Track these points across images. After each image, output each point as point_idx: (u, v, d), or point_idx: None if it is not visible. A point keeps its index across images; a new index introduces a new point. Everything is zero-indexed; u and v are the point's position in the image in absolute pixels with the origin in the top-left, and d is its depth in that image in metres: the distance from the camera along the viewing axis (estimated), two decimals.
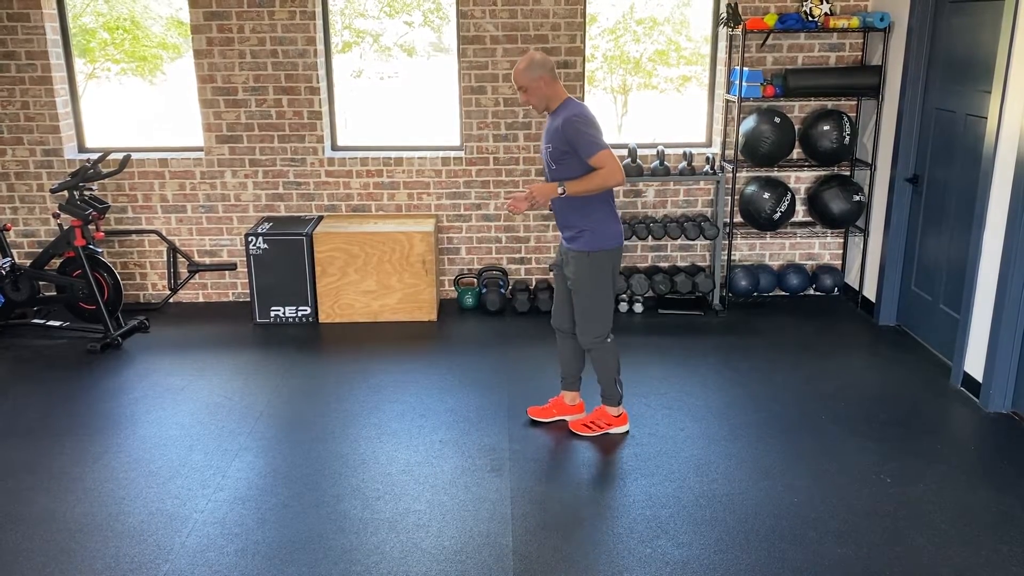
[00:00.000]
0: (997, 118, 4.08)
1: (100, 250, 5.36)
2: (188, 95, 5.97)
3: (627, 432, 4.01)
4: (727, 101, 5.66)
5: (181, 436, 4.01)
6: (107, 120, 11.56)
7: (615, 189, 3.64)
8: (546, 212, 5.84)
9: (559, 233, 3.87)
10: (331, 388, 4.53)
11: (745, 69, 5.35)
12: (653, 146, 5.82)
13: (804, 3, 5.23)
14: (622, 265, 5.94)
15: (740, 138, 5.49)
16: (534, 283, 5.99)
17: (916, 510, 3.35)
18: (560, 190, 3.60)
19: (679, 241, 5.92)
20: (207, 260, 5.93)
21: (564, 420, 4.11)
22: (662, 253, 5.96)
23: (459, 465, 3.73)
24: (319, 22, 5.52)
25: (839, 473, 3.62)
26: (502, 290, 5.73)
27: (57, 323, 5.40)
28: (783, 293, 5.96)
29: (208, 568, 3.03)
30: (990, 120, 4.13)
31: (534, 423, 4.11)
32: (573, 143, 3.55)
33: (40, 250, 5.69)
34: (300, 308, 5.53)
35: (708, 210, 5.88)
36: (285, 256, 5.41)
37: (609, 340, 3.84)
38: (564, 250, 3.83)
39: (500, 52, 5.52)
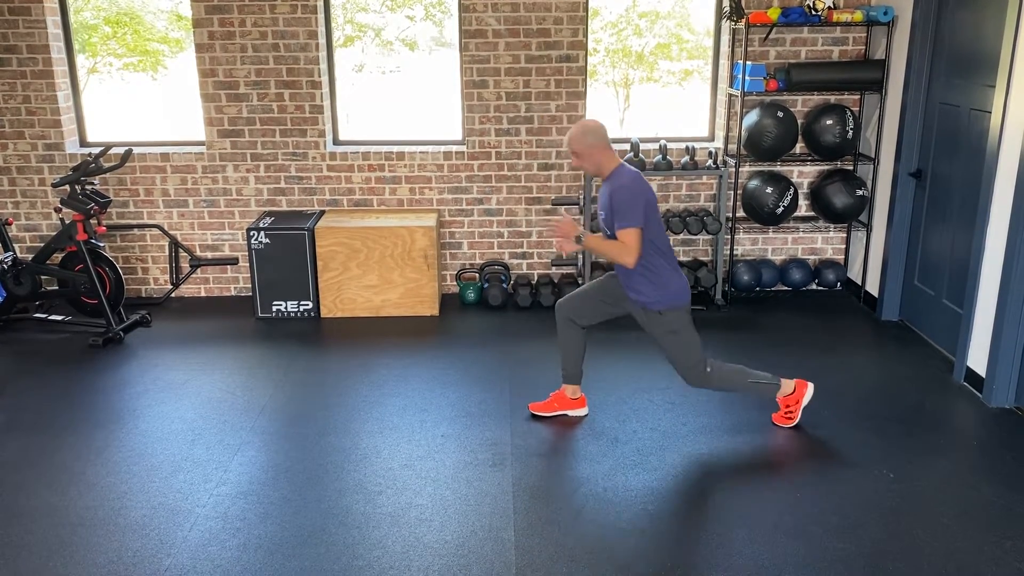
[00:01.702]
0: (1001, 113, 4.06)
1: (102, 244, 5.35)
2: (189, 89, 5.96)
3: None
4: (730, 95, 5.64)
5: (183, 430, 4.01)
6: (109, 114, 11.56)
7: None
8: (547, 207, 5.82)
9: None
10: (333, 383, 4.53)
11: (748, 63, 5.33)
12: (655, 140, 5.81)
13: None
14: None
15: (743, 132, 5.47)
16: (536, 278, 5.98)
17: (919, 505, 3.34)
18: (580, 236, 3.69)
19: (681, 236, 5.91)
20: (209, 255, 5.92)
21: (566, 414, 4.11)
22: None
23: (461, 459, 3.73)
24: (321, 16, 5.51)
25: (841, 468, 3.62)
26: (504, 285, 5.72)
27: (59, 317, 5.40)
28: (785, 288, 5.95)
29: (210, 562, 3.03)
30: (994, 115, 4.12)
31: (535, 417, 4.10)
32: (616, 209, 3.58)
33: (42, 244, 5.69)
34: (302, 303, 5.53)
35: (710, 205, 5.87)
36: (287, 251, 5.41)
37: (709, 370, 3.82)
38: (633, 304, 3.83)
39: (502, 46, 5.51)
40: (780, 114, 5.35)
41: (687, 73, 11.61)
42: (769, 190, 5.50)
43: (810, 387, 4.00)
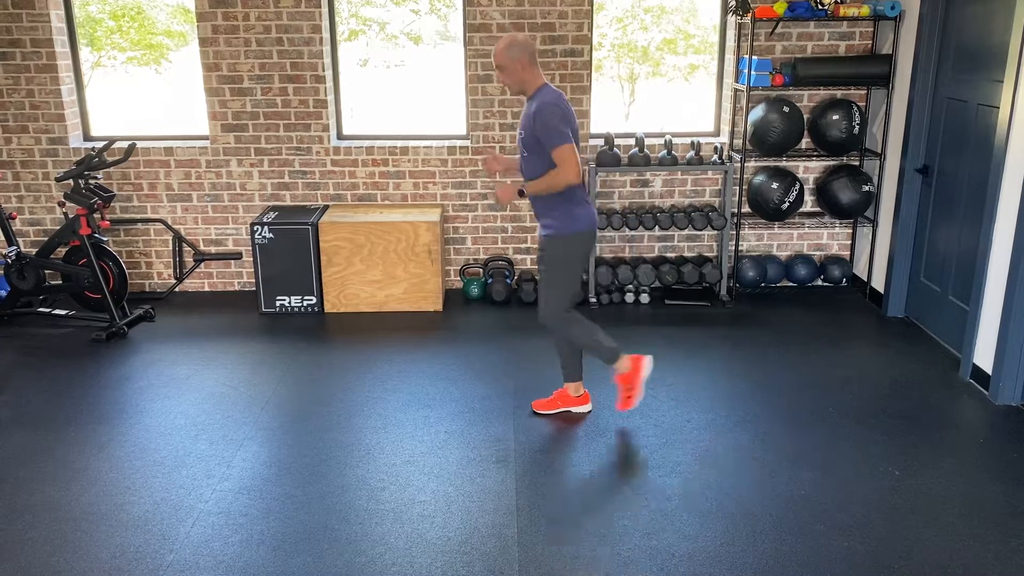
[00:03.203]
0: (1009, 108, 4.03)
1: (105, 239, 5.35)
2: (193, 83, 5.95)
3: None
4: (735, 90, 5.61)
5: (186, 425, 4.01)
6: (112, 109, 11.56)
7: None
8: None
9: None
10: (336, 378, 4.52)
11: (754, 58, 5.30)
12: (661, 135, 5.78)
13: None
14: (630, 256, 5.92)
15: (748, 127, 5.44)
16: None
17: (924, 503, 3.33)
18: (520, 190, 3.69)
19: (686, 231, 5.89)
20: (212, 249, 5.92)
21: (569, 411, 4.10)
22: (669, 243, 5.93)
23: (464, 456, 3.72)
24: (325, 10, 5.49)
25: (847, 466, 3.60)
26: (508, 280, 5.70)
27: (62, 312, 5.40)
28: (791, 284, 5.92)
29: (213, 558, 3.02)
30: (1002, 110, 4.08)
31: (539, 415, 4.09)
32: (539, 132, 3.55)
33: (46, 239, 5.68)
34: (305, 298, 5.52)
35: (716, 200, 5.84)
36: (291, 245, 5.40)
37: (568, 315, 3.83)
38: (542, 239, 3.83)
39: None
40: (786, 109, 5.32)
41: (693, 68, 11.57)
42: (775, 185, 5.47)
43: (647, 360, 3.96)
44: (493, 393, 4.32)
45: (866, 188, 5.45)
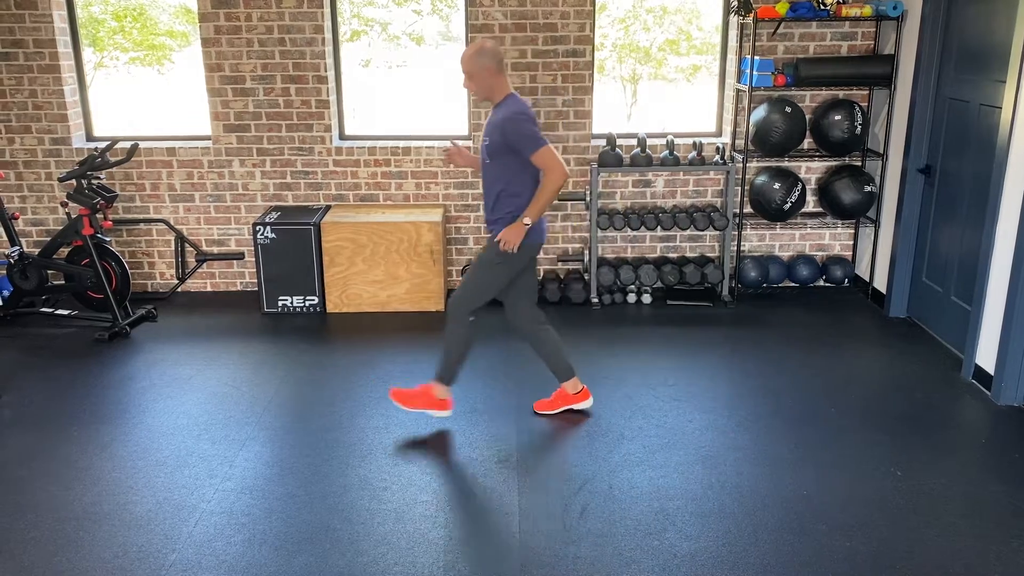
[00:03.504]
0: (1012, 108, 4.03)
1: (108, 239, 5.36)
2: (196, 84, 5.95)
3: (447, 415, 4.02)
4: (737, 90, 5.61)
5: (189, 425, 4.01)
6: (115, 109, 11.57)
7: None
8: (554, 202, 5.80)
9: (545, 224, 3.85)
10: (338, 378, 4.53)
11: (756, 58, 5.31)
12: (663, 136, 5.78)
13: None
14: (632, 256, 5.92)
15: (750, 128, 5.44)
16: (542, 274, 5.97)
17: (926, 503, 3.33)
18: (527, 222, 3.63)
19: (688, 232, 5.89)
20: (215, 249, 5.92)
21: (571, 409, 4.10)
22: (671, 244, 5.93)
23: (466, 456, 3.72)
24: (327, 10, 5.50)
25: (849, 466, 3.60)
26: None
27: (65, 312, 5.41)
28: (793, 284, 5.92)
29: (215, 558, 3.03)
30: (1004, 110, 4.08)
31: (537, 413, 4.10)
32: (514, 141, 3.55)
33: (48, 239, 5.70)
34: (308, 298, 5.52)
35: (718, 200, 5.84)
36: (293, 246, 5.40)
37: (471, 319, 3.82)
38: (489, 237, 3.81)
39: (509, 41, 5.49)
40: (788, 109, 5.32)
41: (695, 68, 11.57)
42: (777, 186, 5.47)
43: (448, 412, 4.00)
44: (495, 393, 4.33)
45: (868, 188, 5.45)
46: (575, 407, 4.10)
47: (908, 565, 2.96)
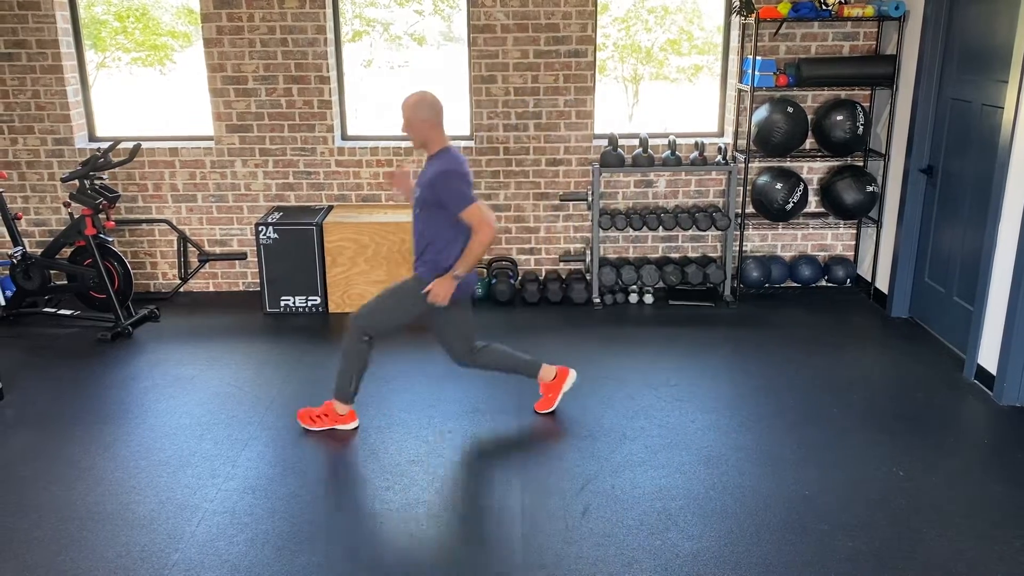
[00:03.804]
0: (1014, 108, 4.03)
1: (111, 239, 5.37)
2: (198, 84, 5.96)
3: (355, 428, 3.98)
4: (739, 91, 5.61)
5: (191, 425, 4.02)
6: (117, 109, 11.57)
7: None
8: (556, 203, 5.81)
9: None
10: None
11: (758, 58, 5.30)
12: (665, 136, 5.78)
13: None
14: (633, 257, 5.92)
15: (752, 128, 5.44)
16: (544, 274, 5.97)
17: (928, 504, 3.33)
18: (456, 276, 3.65)
19: (690, 232, 5.89)
20: (217, 250, 5.93)
21: (563, 390, 4.12)
22: (673, 244, 5.93)
23: (468, 455, 3.73)
24: (329, 11, 5.50)
25: (851, 466, 3.60)
26: (512, 281, 5.71)
27: (68, 312, 5.42)
28: (795, 284, 5.92)
29: (218, 558, 3.03)
30: (1006, 110, 4.08)
31: (544, 414, 4.10)
32: (444, 197, 3.57)
33: (51, 239, 5.70)
34: (310, 298, 5.53)
35: (720, 200, 5.84)
36: (295, 246, 5.41)
37: (365, 340, 3.80)
38: (415, 272, 3.81)
39: (511, 41, 5.49)
40: (790, 109, 5.32)
41: (697, 68, 11.56)
42: (779, 186, 5.47)
43: (356, 423, 3.97)
44: (497, 393, 4.33)
45: (870, 189, 5.45)
46: (565, 389, 4.10)
47: (910, 565, 2.96)
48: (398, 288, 3.80)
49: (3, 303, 5.46)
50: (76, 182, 5.55)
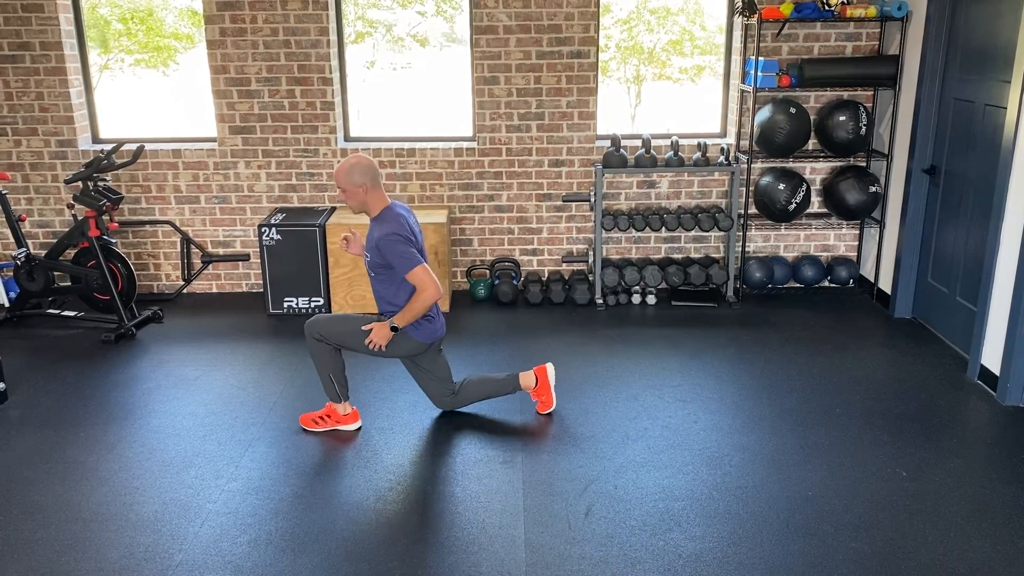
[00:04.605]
0: (1017, 108, 4.02)
1: (114, 240, 5.38)
2: (201, 86, 5.97)
3: (359, 429, 3.99)
4: (742, 91, 5.61)
5: (195, 426, 4.02)
6: (121, 111, 11.59)
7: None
8: (558, 204, 5.81)
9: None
10: None
11: (760, 59, 5.30)
12: (667, 136, 5.78)
13: None
14: (636, 257, 5.92)
15: (755, 128, 5.44)
16: (546, 274, 5.97)
17: (932, 504, 3.32)
18: (394, 326, 3.69)
19: (693, 232, 5.89)
20: (220, 251, 5.94)
21: (551, 387, 4.12)
22: (676, 245, 5.93)
23: (471, 456, 3.73)
24: (332, 12, 5.51)
25: (854, 467, 3.60)
26: (514, 281, 5.71)
27: (71, 313, 5.43)
28: (798, 285, 5.92)
29: (221, 558, 3.04)
30: (1009, 110, 4.08)
31: (547, 414, 4.10)
32: (389, 260, 3.60)
33: (55, 240, 5.71)
34: (313, 299, 5.53)
35: (722, 201, 5.84)
36: (298, 247, 5.41)
37: (319, 340, 3.81)
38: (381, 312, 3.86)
39: (513, 42, 5.50)
40: (793, 110, 5.32)
41: (699, 69, 11.55)
42: (781, 187, 5.47)
43: (359, 424, 3.99)
44: None
45: (873, 189, 5.44)
46: (552, 383, 4.10)
47: (913, 566, 2.95)
48: (364, 320, 3.82)
49: (7, 305, 5.48)
50: (80, 184, 5.57)
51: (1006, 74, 4.24)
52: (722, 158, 5.52)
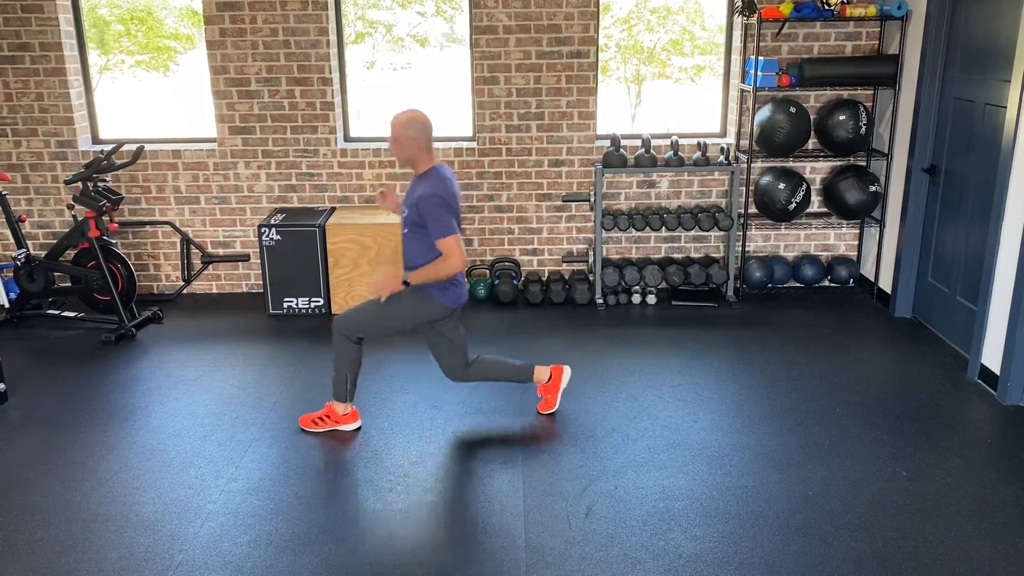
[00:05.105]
0: (1016, 107, 4.02)
1: (114, 241, 5.38)
2: (201, 86, 5.97)
3: (358, 429, 3.98)
4: (742, 91, 5.61)
5: (195, 427, 4.02)
6: (121, 112, 11.60)
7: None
8: (559, 204, 5.81)
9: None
10: None
11: (760, 58, 5.30)
12: (667, 136, 5.78)
13: None
14: (636, 257, 5.92)
15: (755, 128, 5.44)
16: (547, 274, 5.97)
17: (932, 504, 3.32)
18: (405, 281, 3.67)
19: (693, 232, 5.89)
20: (220, 251, 5.94)
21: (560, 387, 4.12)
22: (676, 244, 5.93)
23: (471, 456, 3.73)
24: (331, 13, 5.51)
25: (854, 466, 3.60)
26: (515, 281, 5.71)
27: (72, 314, 5.43)
28: (798, 285, 5.91)
29: (221, 559, 3.04)
30: (1009, 109, 4.08)
31: (548, 415, 4.10)
32: (425, 220, 3.58)
33: (55, 241, 5.71)
34: (313, 299, 5.53)
35: (722, 201, 5.84)
36: (298, 247, 5.41)
37: (355, 341, 3.81)
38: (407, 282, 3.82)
39: (513, 42, 5.50)
40: (793, 109, 5.32)
41: (699, 69, 11.56)
42: (781, 186, 5.47)
43: (358, 423, 3.98)
44: (500, 394, 4.33)
45: (873, 188, 5.44)
46: (563, 387, 4.10)
47: (914, 566, 2.95)
48: (395, 299, 3.78)
49: (7, 305, 5.48)
50: (79, 184, 5.57)
51: (1006, 73, 4.24)
52: (722, 158, 5.52)
